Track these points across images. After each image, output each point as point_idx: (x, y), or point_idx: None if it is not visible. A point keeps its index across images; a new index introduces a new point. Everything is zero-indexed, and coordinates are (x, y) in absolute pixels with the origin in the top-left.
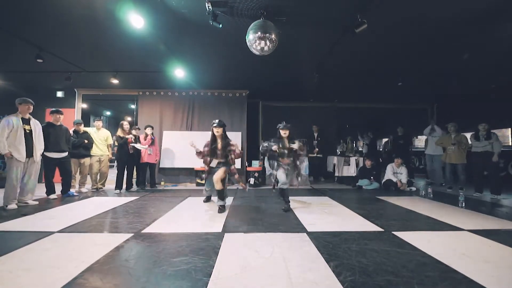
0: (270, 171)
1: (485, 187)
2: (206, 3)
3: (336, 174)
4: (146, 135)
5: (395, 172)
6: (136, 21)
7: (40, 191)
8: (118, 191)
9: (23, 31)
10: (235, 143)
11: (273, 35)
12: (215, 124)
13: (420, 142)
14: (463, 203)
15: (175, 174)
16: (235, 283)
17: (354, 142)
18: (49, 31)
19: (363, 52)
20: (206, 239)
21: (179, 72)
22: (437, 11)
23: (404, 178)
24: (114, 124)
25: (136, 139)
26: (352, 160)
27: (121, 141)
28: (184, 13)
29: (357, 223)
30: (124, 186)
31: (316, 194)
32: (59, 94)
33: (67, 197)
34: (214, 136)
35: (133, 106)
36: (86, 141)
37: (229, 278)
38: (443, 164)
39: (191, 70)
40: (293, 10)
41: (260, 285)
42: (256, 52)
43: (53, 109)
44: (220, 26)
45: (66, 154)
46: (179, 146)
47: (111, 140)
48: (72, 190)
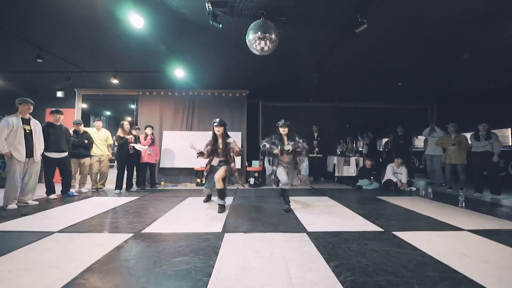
0: (270, 171)
1: (485, 187)
2: (206, 3)
3: (336, 174)
4: (146, 135)
5: (395, 172)
6: (136, 21)
7: (40, 191)
8: (118, 191)
9: (23, 31)
10: (232, 140)
11: (273, 35)
12: (216, 123)
13: (420, 142)
14: (463, 203)
15: (175, 174)
16: (235, 283)
17: (354, 142)
18: (49, 31)
19: (363, 52)
20: (206, 239)
21: (179, 72)
22: (437, 11)
23: (404, 178)
24: (114, 124)
25: (136, 139)
26: (352, 160)
27: (121, 141)
28: (184, 13)
29: (357, 223)
30: (124, 186)
31: (316, 194)
32: (59, 94)
33: (67, 197)
34: (215, 135)
35: (133, 106)
36: (86, 141)
37: (229, 278)
38: (443, 164)
39: (191, 70)
40: (293, 10)
41: (260, 285)
42: (256, 52)
43: (53, 109)
44: (220, 26)
45: (66, 154)
46: (179, 146)
47: (111, 140)
48: (72, 190)
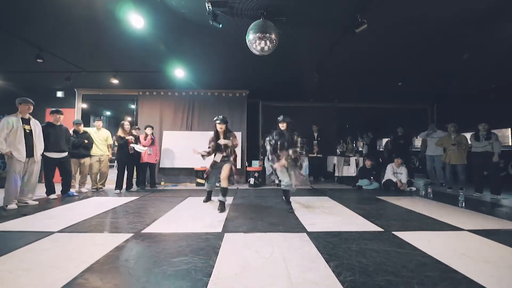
0: (270, 171)
1: (485, 187)
2: (206, 3)
3: (336, 174)
4: (146, 135)
5: (395, 172)
6: (136, 21)
7: (40, 191)
8: (118, 191)
9: (23, 31)
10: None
11: (273, 35)
12: (219, 121)
13: (419, 142)
14: (463, 203)
15: (175, 174)
16: (235, 283)
17: (354, 142)
18: (49, 31)
19: (363, 52)
20: (206, 239)
21: (179, 72)
22: (437, 11)
23: (404, 178)
24: (114, 124)
25: (136, 139)
26: (352, 160)
27: (121, 141)
28: (184, 13)
29: (357, 223)
30: (124, 186)
31: (316, 194)
32: (59, 94)
33: (67, 197)
34: (217, 132)
35: (133, 106)
36: (86, 141)
37: (229, 278)
38: (443, 165)
39: (191, 70)
40: (293, 10)
41: (260, 285)
42: (256, 52)
43: (53, 109)
44: (220, 26)
45: (66, 154)
46: (179, 146)
47: (111, 140)
48: (72, 190)
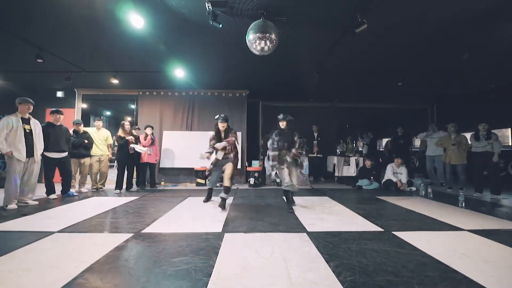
0: (270, 171)
1: (485, 187)
2: (206, 3)
3: (336, 174)
4: (146, 135)
5: (395, 172)
6: (136, 21)
7: (40, 191)
8: (118, 191)
9: (23, 31)
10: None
11: (273, 35)
12: (220, 119)
13: (419, 142)
14: (463, 203)
15: (175, 174)
16: (235, 283)
17: (354, 142)
18: (49, 31)
19: (363, 52)
20: (206, 239)
21: (179, 72)
22: (437, 11)
23: (404, 178)
24: (114, 124)
25: (136, 139)
26: (352, 160)
27: (121, 141)
28: (184, 13)
29: (357, 223)
30: (124, 186)
31: (316, 194)
32: (59, 94)
33: (67, 197)
34: (219, 131)
35: (133, 106)
36: (86, 141)
37: (229, 278)
38: (443, 165)
39: (191, 70)
40: (293, 10)
41: (260, 285)
42: (256, 52)
43: (53, 109)
44: (220, 26)
45: (66, 154)
46: (179, 146)
47: (111, 140)
48: (72, 190)
